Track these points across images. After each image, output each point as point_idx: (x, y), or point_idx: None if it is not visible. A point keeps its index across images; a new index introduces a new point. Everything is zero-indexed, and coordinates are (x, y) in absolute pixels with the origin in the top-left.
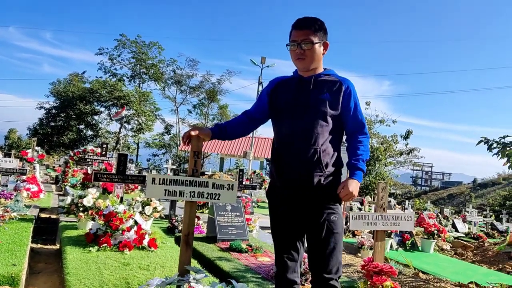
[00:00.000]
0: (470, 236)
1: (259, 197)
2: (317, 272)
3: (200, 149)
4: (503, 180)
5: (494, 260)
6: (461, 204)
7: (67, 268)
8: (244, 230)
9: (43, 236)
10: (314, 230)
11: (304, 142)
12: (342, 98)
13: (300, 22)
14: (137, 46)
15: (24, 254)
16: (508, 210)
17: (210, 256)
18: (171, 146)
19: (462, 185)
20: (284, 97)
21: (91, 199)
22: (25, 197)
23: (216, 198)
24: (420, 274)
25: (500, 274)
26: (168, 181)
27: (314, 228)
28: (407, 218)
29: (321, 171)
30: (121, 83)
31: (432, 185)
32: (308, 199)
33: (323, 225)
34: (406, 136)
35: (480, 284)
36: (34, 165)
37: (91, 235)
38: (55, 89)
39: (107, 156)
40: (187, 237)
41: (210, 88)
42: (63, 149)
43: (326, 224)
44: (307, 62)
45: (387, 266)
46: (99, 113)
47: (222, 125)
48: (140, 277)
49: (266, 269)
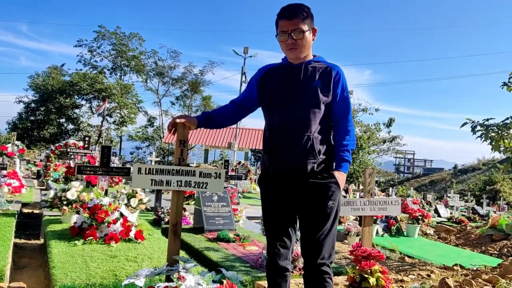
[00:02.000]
0: (452, 220)
1: (244, 187)
2: (309, 258)
3: (186, 137)
4: (482, 166)
5: (477, 243)
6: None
7: (53, 262)
8: (231, 220)
9: (27, 231)
10: (308, 215)
11: (297, 130)
12: (333, 84)
13: (287, 10)
14: (117, 38)
15: (8, 249)
16: (488, 195)
17: (198, 247)
18: (154, 138)
19: (444, 172)
20: (274, 85)
21: (75, 192)
22: (6, 192)
23: (203, 187)
24: (406, 258)
25: (483, 256)
26: (155, 170)
27: (309, 213)
28: (394, 203)
29: (315, 158)
30: (102, 76)
31: (414, 172)
32: (303, 187)
33: (318, 210)
34: (388, 124)
35: (464, 266)
36: (14, 159)
37: (76, 228)
38: (34, 82)
39: (90, 149)
40: (175, 227)
41: (192, 80)
42: (44, 143)
43: (321, 209)
44: (299, 51)
45: (375, 251)
46: (80, 107)
47: (209, 113)
48: (127, 269)
49: (254, 258)
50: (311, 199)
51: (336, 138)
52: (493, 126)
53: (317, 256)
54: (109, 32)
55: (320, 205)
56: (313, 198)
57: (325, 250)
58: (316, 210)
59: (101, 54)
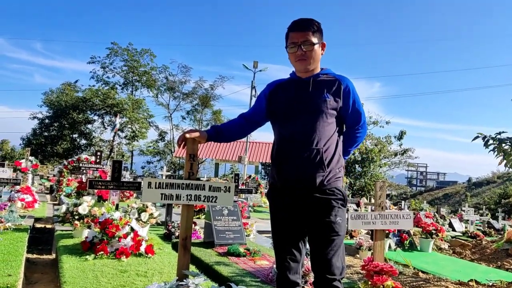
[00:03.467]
0: (467, 235)
1: (255, 201)
2: (320, 273)
3: (196, 151)
4: (497, 179)
5: (493, 258)
6: (457, 203)
7: (64, 277)
8: (242, 234)
9: (39, 246)
10: (318, 230)
11: (306, 144)
12: (342, 96)
13: (298, 23)
14: (129, 54)
15: (20, 264)
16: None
17: (208, 261)
18: (165, 153)
19: (457, 185)
20: (283, 99)
21: (86, 207)
22: (20, 208)
23: (213, 201)
24: (420, 274)
25: (499, 271)
26: (165, 184)
27: (318, 228)
28: (405, 217)
29: (323, 171)
30: (114, 91)
31: (427, 185)
32: (311, 200)
33: (328, 226)
34: (400, 136)
35: (480, 282)
36: (27, 175)
37: (87, 243)
38: (48, 98)
39: (102, 164)
40: (185, 241)
41: (203, 94)
42: (57, 159)
43: (331, 224)
44: (308, 63)
45: (387, 266)
46: (93, 122)
47: (218, 127)
48: (138, 283)
49: (265, 272)
50: (319, 214)
51: (344, 145)
52: (506, 140)
53: (328, 271)
54: (121, 49)
55: (328, 220)
56: (321, 213)
57: (336, 266)
58: (324, 225)
59: (113, 70)
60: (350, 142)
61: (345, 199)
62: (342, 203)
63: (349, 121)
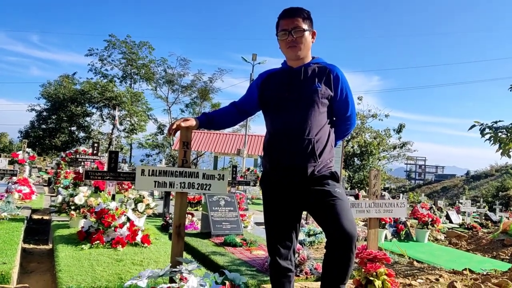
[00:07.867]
0: (464, 226)
1: (253, 194)
2: (332, 226)
3: (189, 139)
4: (495, 172)
5: (488, 248)
6: (455, 196)
7: (59, 265)
8: (238, 225)
9: (36, 236)
10: (318, 202)
11: (298, 134)
12: (332, 85)
13: (288, 11)
14: (127, 47)
15: (15, 252)
16: (501, 201)
17: (205, 251)
18: (164, 146)
19: (456, 178)
20: (275, 89)
21: (83, 197)
22: (17, 199)
23: (206, 188)
24: (414, 263)
25: (494, 261)
26: (158, 172)
27: (317, 200)
28: (399, 205)
29: (315, 161)
30: (112, 84)
31: (426, 178)
32: (303, 186)
33: (326, 193)
34: (399, 130)
35: (474, 271)
36: (24, 166)
37: (83, 233)
38: (46, 91)
39: (99, 155)
40: (178, 228)
41: (202, 87)
42: (55, 151)
43: (329, 191)
44: (298, 50)
45: (380, 253)
46: (91, 115)
47: (210, 115)
48: (133, 272)
49: (260, 262)
50: (314, 190)
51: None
52: (502, 128)
53: (342, 222)
54: (119, 41)
55: (325, 189)
56: (316, 188)
57: (348, 218)
58: (323, 194)
59: (111, 63)
60: (337, 132)
61: (337, 178)
62: (335, 179)
63: (337, 110)
